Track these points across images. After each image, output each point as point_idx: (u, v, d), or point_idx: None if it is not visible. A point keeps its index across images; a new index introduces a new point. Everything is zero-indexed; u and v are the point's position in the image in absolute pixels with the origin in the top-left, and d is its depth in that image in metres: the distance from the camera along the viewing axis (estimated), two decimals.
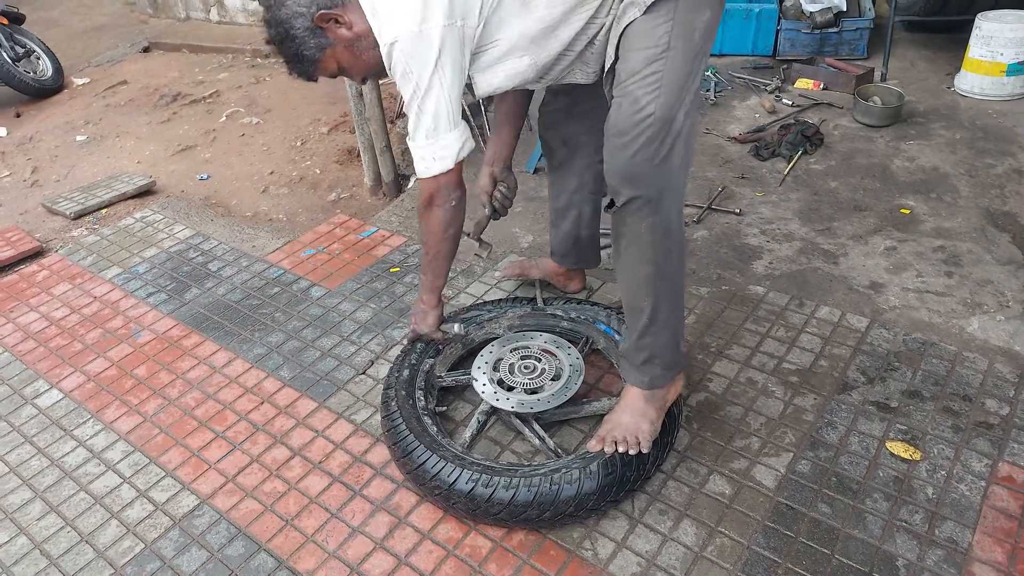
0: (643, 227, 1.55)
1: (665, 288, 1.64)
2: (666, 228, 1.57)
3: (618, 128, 1.50)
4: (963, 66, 3.60)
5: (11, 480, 1.93)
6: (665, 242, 1.58)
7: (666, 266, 1.62)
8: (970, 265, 2.42)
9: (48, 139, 4.23)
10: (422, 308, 1.92)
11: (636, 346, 1.70)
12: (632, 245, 1.60)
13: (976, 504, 1.65)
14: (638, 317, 1.67)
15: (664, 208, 1.55)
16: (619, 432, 1.70)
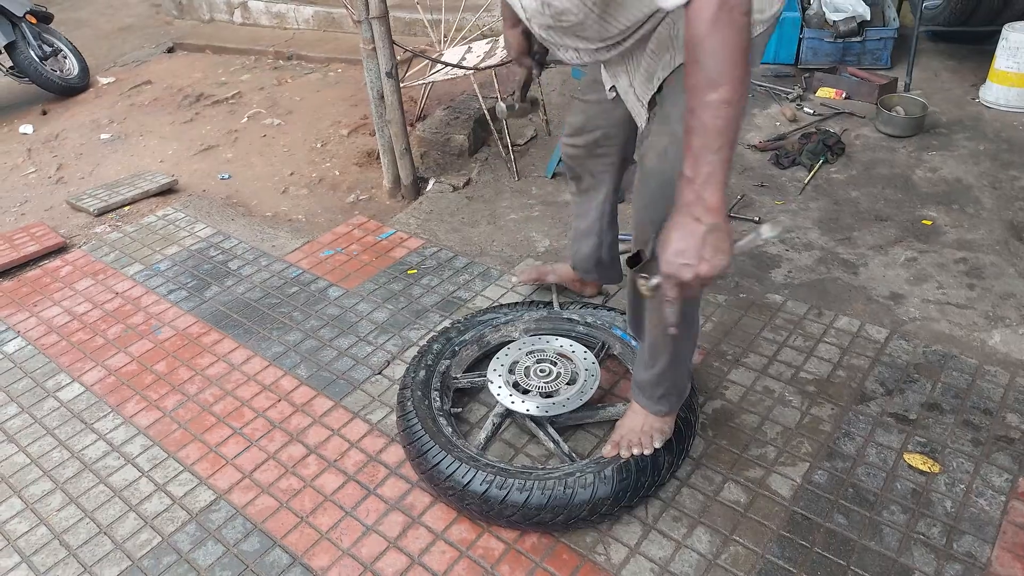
0: None
1: (687, 331, 1.65)
2: None
3: (664, 177, 1.42)
4: (988, 77, 3.56)
5: (33, 471, 1.95)
6: None
7: (690, 311, 1.63)
8: (992, 278, 2.40)
9: (73, 137, 4.29)
10: (711, 223, 1.15)
11: (655, 381, 1.70)
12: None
13: (996, 519, 1.63)
14: (659, 357, 1.66)
15: None
16: (635, 438, 1.71)
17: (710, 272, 1.15)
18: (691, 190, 1.14)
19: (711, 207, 1.14)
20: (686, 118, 1.12)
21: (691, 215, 1.15)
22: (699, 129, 1.11)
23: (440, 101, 4.00)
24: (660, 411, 1.72)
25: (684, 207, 1.16)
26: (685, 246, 1.15)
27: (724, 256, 1.15)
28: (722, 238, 1.15)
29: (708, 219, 1.14)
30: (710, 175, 1.12)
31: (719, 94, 1.08)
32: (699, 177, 1.13)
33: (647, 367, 1.70)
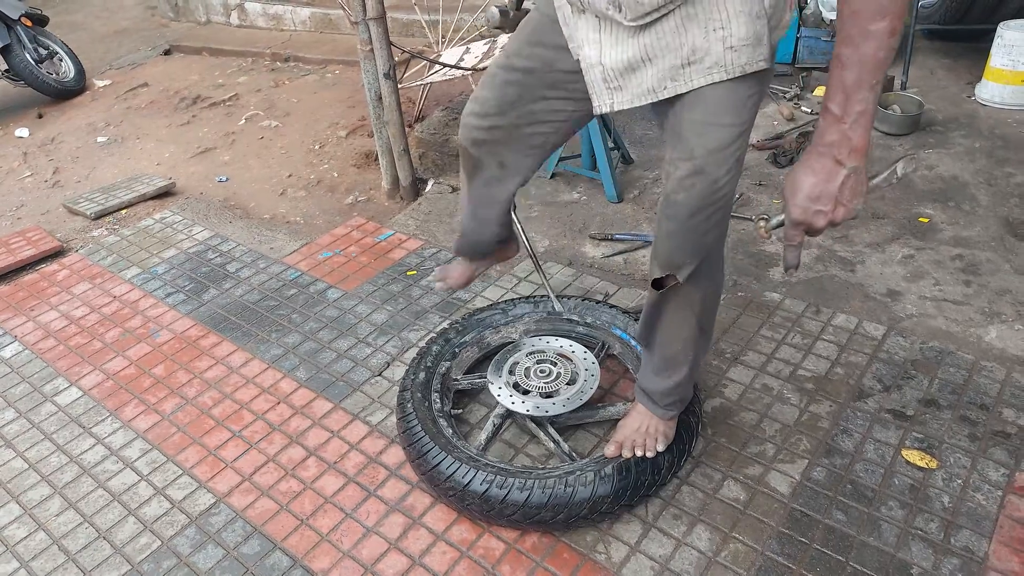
0: (698, 295, 1.53)
1: (704, 343, 1.66)
2: (716, 292, 1.59)
3: (691, 209, 1.34)
4: (984, 75, 3.57)
5: (30, 476, 1.95)
6: (713, 304, 1.60)
7: (708, 324, 1.63)
8: (988, 274, 2.41)
9: (70, 140, 4.29)
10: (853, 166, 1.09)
11: (668, 391, 1.69)
12: (682, 314, 1.57)
13: (993, 513, 1.64)
14: (675, 368, 1.66)
15: (717, 273, 1.55)
16: (638, 439, 1.72)
17: (844, 216, 1.11)
18: (837, 130, 1.07)
19: (857, 148, 1.07)
20: (839, 49, 1.03)
21: (833, 157, 1.08)
22: (856, 62, 1.02)
23: (438, 102, 4.00)
24: (667, 415, 1.73)
25: (826, 147, 1.08)
26: (822, 191, 1.10)
27: (860, 200, 1.11)
28: (861, 180, 1.10)
29: (852, 161, 1.08)
30: (861, 114, 1.04)
31: (887, 23, 0.98)
32: (849, 116, 1.05)
33: (661, 377, 1.68)
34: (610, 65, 1.29)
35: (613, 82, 1.31)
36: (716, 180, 1.29)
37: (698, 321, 1.58)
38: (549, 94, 1.48)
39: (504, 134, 1.58)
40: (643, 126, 3.61)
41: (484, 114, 1.58)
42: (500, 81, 1.54)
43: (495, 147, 1.62)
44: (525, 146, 1.59)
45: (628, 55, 1.25)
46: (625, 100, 1.32)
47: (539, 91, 1.49)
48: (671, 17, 1.19)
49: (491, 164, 1.65)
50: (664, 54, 1.23)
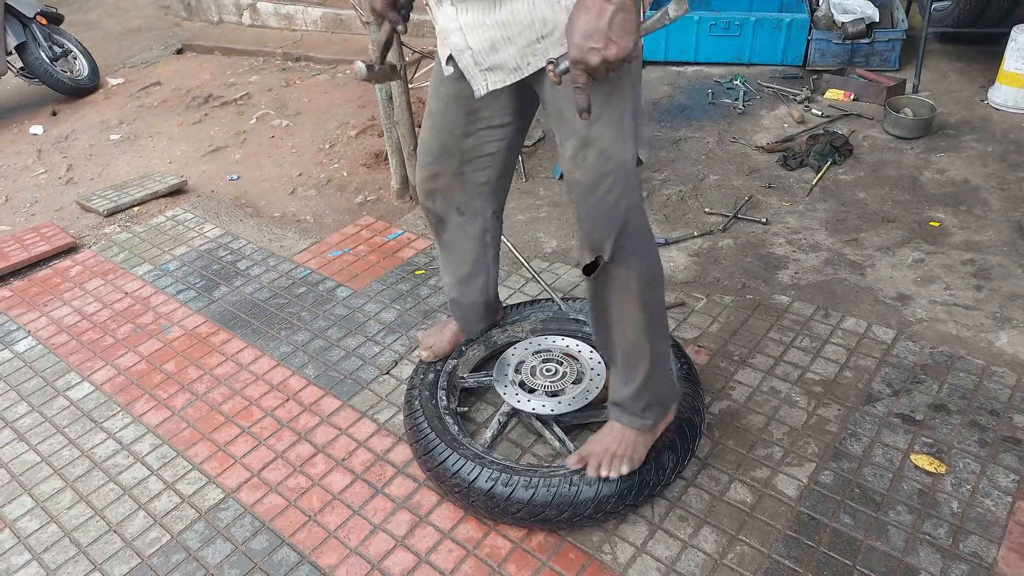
0: (632, 275, 1.49)
1: (657, 328, 1.60)
2: (652, 269, 1.53)
3: (590, 183, 1.38)
4: (997, 79, 3.55)
5: (43, 469, 1.97)
6: (653, 283, 1.54)
7: (656, 307, 1.58)
8: (1000, 279, 2.40)
9: (83, 138, 4.32)
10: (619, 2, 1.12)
11: (637, 395, 1.63)
12: (623, 298, 1.53)
13: (1002, 519, 1.63)
14: (637, 365, 1.60)
15: (647, 248, 1.50)
16: (605, 458, 1.64)
17: (618, 55, 1.13)
18: None
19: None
20: None
21: None
22: None
23: None
24: (646, 425, 1.65)
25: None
26: (593, 28, 1.12)
27: (631, 37, 1.13)
28: (629, 18, 1.12)
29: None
30: None
31: None
32: None
33: (626, 382, 1.63)
34: (477, 47, 1.34)
35: (483, 64, 1.36)
36: (604, 150, 1.34)
37: (642, 303, 1.53)
38: (471, 128, 1.55)
39: (449, 180, 1.66)
40: (652, 127, 3.61)
41: (425, 165, 1.67)
42: (427, 132, 1.63)
43: (447, 196, 1.69)
44: (473, 185, 1.66)
45: (489, 35, 1.31)
46: (498, 80, 1.38)
47: (461, 127, 1.56)
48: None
49: (451, 214, 1.73)
50: (520, 30, 1.28)
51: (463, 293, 1.91)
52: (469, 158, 1.62)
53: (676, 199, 3.00)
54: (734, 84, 3.97)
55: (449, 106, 1.55)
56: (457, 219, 1.74)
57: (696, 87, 4.01)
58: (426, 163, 1.66)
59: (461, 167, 1.63)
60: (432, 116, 1.60)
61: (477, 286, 1.89)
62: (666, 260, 2.61)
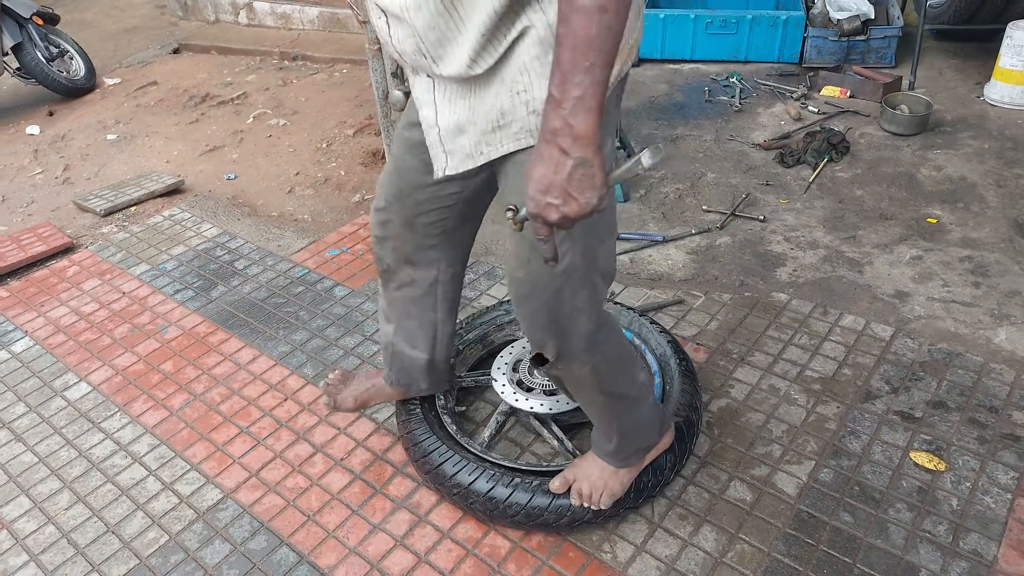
0: (585, 372, 1.42)
1: (626, 405, 1.53)
2: (608, 360, 1.43)
3: (528, 288, 1.29)
4: (993, 75, 3.56)
5: (40, 470, 1.97)
6: (611, 371, 1.45)
7: (620, 387, 1.49)
8: (997, 276, 2.40)
9: (80, 138, 4.30)
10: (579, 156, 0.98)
11: (615, 451, 1.58)
12: (580, 389, 1.49)
13: (1002, 516, 1.63)
14: (610, 434, 1.55)
15: (600, 342, 1.39)
16: (586, 486, 1.60)
17: (579, 211, 1.01)
18: (558, 116, 0.96)
19: (580, 136, 0.96)
20: (557, 28, 0.95)
21: (557, 145, 0.98)
22: (568, 40, 0.93)
23: None
24: (630, 463, 1.62)
25: (549, 135, 0.98)
26: (549, 182, 1.00)
27: (594, 193, 1.00)
28: (591, 173, 0.99)
29: (576, 151, 0.97)
30: (580, 99, 0.94)
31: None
32: (567, 100, 0.95)
33: (604, 440, 1.58)
34: (444, 126, 1.23)
35: (447, 144, 1.24)
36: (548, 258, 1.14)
37: (602, 393, 1.47)
38: (428, 180, 1.41)
39: (400, 229, 1.53)
40: (649, 126, 3.60)
41: (377, 210, 1.56)
42: (384, 175, 1.52)
43: (398, 245, 1.57)
44: (425, 236, 1.53)
45: (456, 117, 1.20)
46: (453, 164, 1.26)
47: (419, 176, 1.43)
48: (491, 78, 1.12)
49: (401, 265, 1.60)
50: (480, 118, 1.18)
51: (405, 350, 1.74)
52: (423, 210, 1.49)
53: (674, 197, 3.00)
54: (731, 82, 3.97)
55: (409, 152, 1.44)
56: (407, 270, 1.61)
57: (693, 85, 4.01)
58: (378, 207, 1.55)
59: (415, 217, 1.51)
60: (393, 159, 1.51)
61: (421, 344, 1.73)
62: (664, 258, 2.61)
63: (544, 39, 1.06)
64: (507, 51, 1.09)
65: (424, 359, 1.75)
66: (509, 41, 1.07)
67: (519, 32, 1.07)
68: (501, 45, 1.08)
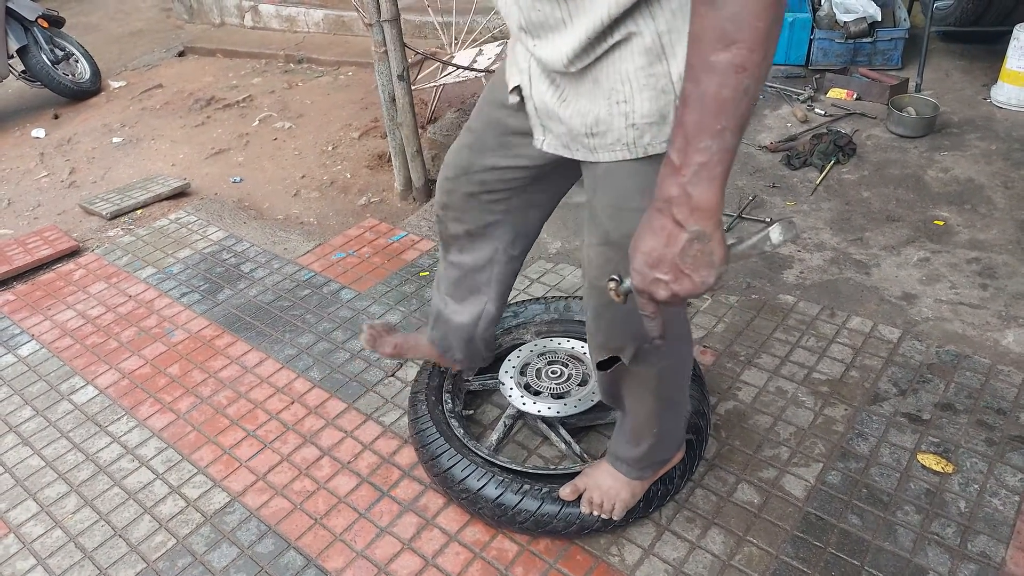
0: (652, 373, 1.39)
1: (671, 412, 1.52)
2: (678, 365, 1.42)
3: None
4: (1000, 77, 3.55)
5: (48, 474, 1.97)
6: (673, 377, 1.44)
7: (674, 393, 1.48)
8: (1005, 277, 2.39)
9: (85, 141, 4.32)
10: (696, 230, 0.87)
11: (639, 458, 1.56)
12: (638, 391, 1.45)
13: (1010, 519, 1.63)
14: (642, 439, 1.52)
15: (674, 351, 1.38)
16: (597, 495, 1.59)
17: (692, 291, 0.89)
18: (675, 182, 0.86)
19: (699, 207, 0.85)
20: (683, 84, 0.84)
21: (671, 216, 0.87)
22: (696, 100, 0.82)
23: (451, 104, 4.01)
24: (644, 476, 1.60)
25: (663, 203, 0.88)
26: (660, 256, 0.89)
27: (711, 272, 0.88)
28: (711, 249, 0.87)
29: (693, 224, 0.86)
30: (703, 166, 0.84)
31: (730, 55, 0.79)
32: (688, 167, 0.84)
33: (630, 445, 1.55)
34: (537, 100, 1.19)
35: (542, 119, 1.20)
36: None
37: (657, 397, 1.44)
38: (500, 162, 1.39)
39: (462, 200, 1.50)
40: None
41: (444, 179, 1.53)
42: (457, 144, 1.48)
43: (459, 215, 1.53)
44: (487, 213, 1.50)
45: (546, 100, 1.16)
46: (549, 142, 1.22)
47: (490, 157, 1.40)
48: (585, 77, 1.07)
49: (459, 234, 1.57)
50: (574, 120, 1.12)
51: (453, 312, 1.72)
52: (489, 188, 1.45)
53: None
54: None
55: (489, 129, 1.39)
56: (465, 242, 1.58)
57: None
58: (447, 176, 1.51)
59: (480, 193, 1.47)
60: (469, 131, 1.45)
61: (467, 313, 1.71)
62: None
63: (650, 49, 0.99)
64: (606, 54, 1.02)
65: (465, 333, 1.74)
66: (610, 44, 1.01)
67: (623, 36, 1.00)
68: (602, 48, 1.01)
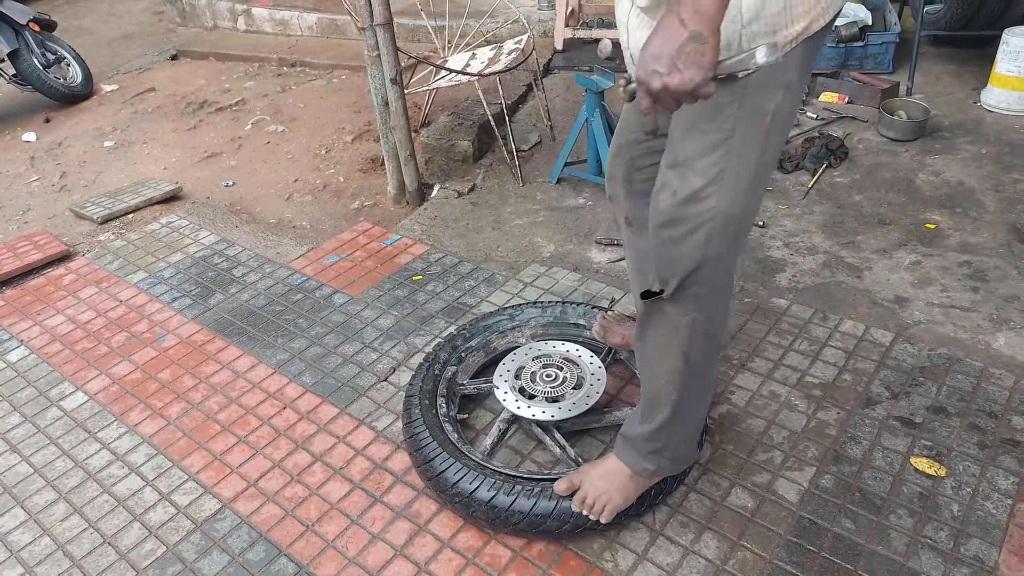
0: (685, 321, 1.40)
1: (695, 383, 1.50)
2: (709, 328, 1.43)
3: (669, 215, 1.32)
4: (990, 81, 3.56)
5: (36, 481, 1.95)
6: (704, 341, 1.44)
7: (700, 363, 1.47)
8: (996, 280, 2.40)
9: (77, 145, 4.30)
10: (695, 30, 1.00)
11: (649, 436, 1.55)
12: (664, 340, 1.45)
13: (1002, 522, 1.63)
14: (657, 408, 1.52)
15: (713, 307, 1.41)
16: (591, 495, 1.60)
17: (679, 86, 1.01)
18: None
19: (700, 10, 0.98)
20: None
21: (677, 16, 1.00)
22: None
23: (444, 107, 4.01)
24: (646, 470, 1.58)
25: (675, 5, 1.00)
26: (661, 51, 1.01)
27: (699, 72, 1.00)
28: (704, 51, 0.99)
29: (694, 24, 0.99)
30: None
31: None
32: None
33: (642, 420, 1.57)
34: (633, 47, 1.30)
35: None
36: (696, 189, 1.26)
37: (684, 353, 1.44)
38: (643, 136, 1.51)
39: (618, 186, 1.65)
40: None
41: (607, 164, 1.67)
42: (615, 132, 1.63)
43: (617, 201, 1.68)
44: (641, 194, 1.59)
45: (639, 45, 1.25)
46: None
47: (635, 132, 1.54)
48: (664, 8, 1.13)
49: (621, 221, 1.72)
50: None
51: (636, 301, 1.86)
52: (638, 166, 1.57)
53: None
54: None
55: (628, 107, 1.55)
56: (626, 229, 1.72)
57: None
58: (607, 162, 1.68)
59: (630, 173, 1.60)
60: (621, 117, 1.60)
61: None
62: None
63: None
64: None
65: None
66: None
67: None
68: None
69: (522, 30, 4.09)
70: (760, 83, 1.19)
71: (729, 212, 1.28)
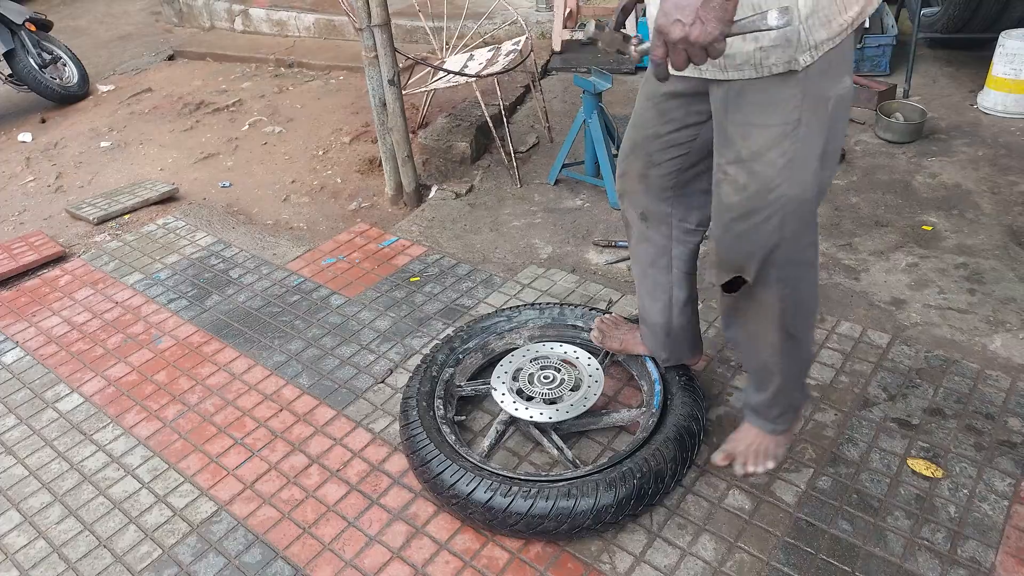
0: (774, 299, 1.47)
1: (796, 349, 1.58)
2: (801, 300, 1.49)
3: (747, 209, 1.36)
4: (986, 83, 3.57)
5: (31, 483, 1.94)
6: (800, 311, 1.51)
7: (800, 330, 1.55)
8: (992, 282, 2.40)
9: (73, 145, 4.29)
10: None
11: (770, 403, 1.67)
12: (760, 322, 1.53)
13: (999, 523, 1.63)
14: (768, 379, 1.63)
15: (800, 280, 1.46)
16: (749, 454, 1.73)
17: (699, 38, 1.05)
18: None
19: None
20: None
21: None
22: None
23: (442, 108, 4.00)
24: (778, 430, 1.71)
25: None
26: (687, 1, 1.04)
27: (719, 27, 1.05)
28: (728, 7, 1.05)
29: None
30: None
31: None
32: None
33: (757, 390, 1.68)
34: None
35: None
36: (768, 181, 1.32)
37: (781, 327, 1.51)
38: (661, 129, 1.54)
39: (634, 182, 1.66)
40: None
41: (618, 163, 1.69)
42: (627, 129, 1.64)
43: (633, 198, 1.69)
44: (659, 189, 1.63)
45: None
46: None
47: (652, 127, 1.55)
48: None
49: (635, 219, 1.72)
50: None
51: (645, 309, 1.87)
52: (655, 161, 1.59)
53: None
54: None
55: (644, 104, 1.56)
56: (640, 226, 1.72)
57: None
58: (619, 159, 1.68)
59: (647, 169, 1.62)
60: (634, 113, 1.61)
61: (657, 306, 1.82)
62: None
63: None
64: None
65: (661, 324, 1.84)
66: None
67: None
68: None
69: (520, 31, 4.09)
70: (820, 72, 1.25)
71: (801, 197, 1.34)
